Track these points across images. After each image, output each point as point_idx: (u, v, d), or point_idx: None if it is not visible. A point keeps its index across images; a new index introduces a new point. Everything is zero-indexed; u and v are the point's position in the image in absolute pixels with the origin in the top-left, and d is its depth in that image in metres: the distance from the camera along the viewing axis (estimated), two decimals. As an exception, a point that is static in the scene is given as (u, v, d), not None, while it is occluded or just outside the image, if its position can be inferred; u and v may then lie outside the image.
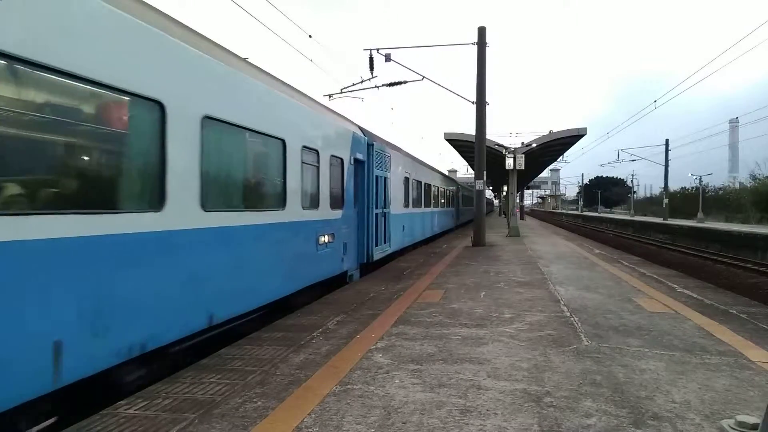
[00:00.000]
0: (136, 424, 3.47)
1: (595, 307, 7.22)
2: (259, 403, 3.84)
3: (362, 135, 11.39)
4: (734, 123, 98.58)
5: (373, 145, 11.76)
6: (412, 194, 16.88)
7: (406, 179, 16.02)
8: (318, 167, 8.42)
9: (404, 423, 3.44)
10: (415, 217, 17.78)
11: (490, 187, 67.16)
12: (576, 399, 3.84)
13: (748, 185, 49.21)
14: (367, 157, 11.57)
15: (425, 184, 19.76)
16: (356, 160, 10.75)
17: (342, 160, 9.72)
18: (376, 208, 12.03)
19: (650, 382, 4.21)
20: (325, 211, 8.75)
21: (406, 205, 16.04)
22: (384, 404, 3.77)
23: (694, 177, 49.71)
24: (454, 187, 31.17)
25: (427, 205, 20.50)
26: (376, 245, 11.97)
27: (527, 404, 3.75)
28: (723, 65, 60.81)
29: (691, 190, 57.76)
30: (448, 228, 27.93)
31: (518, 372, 4.47)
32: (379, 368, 4.60)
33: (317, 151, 8.36)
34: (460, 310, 7.04)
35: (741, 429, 3.01)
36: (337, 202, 9.42)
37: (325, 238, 8.67)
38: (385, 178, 13.03)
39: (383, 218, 12.76)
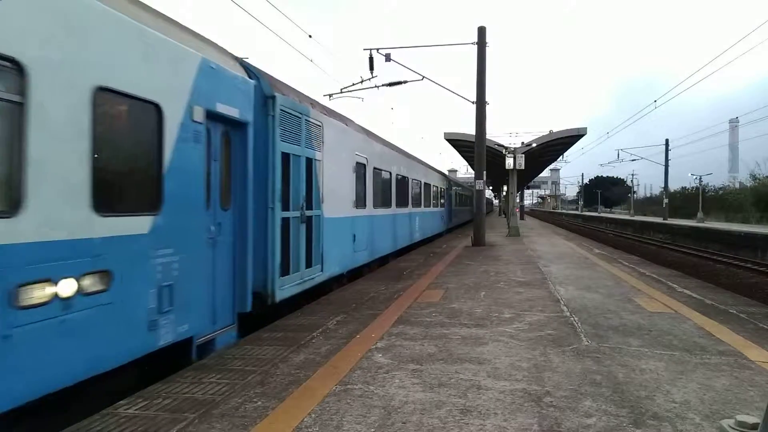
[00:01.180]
0: (136, 424, 3.47)
1: (595, 306, 7.22)
2: (259, 402, 3.84)
3: (243, 76, 6.31)
4: (734, 123, 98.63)
5: (274, 98, 6.78)
6: (372, 189, 12.13)
7: (361, 166, 11.20)
8: (23, 106, 3.47)
9: (404, 423, 3.44)
10: (379, 221, 12.93)
11: (490, 187, 67.17)
12: (576, 399, 3.84)
13: (748, 185, 49.27)
14: (262, 118, 6.66)
15: (398, 176, 15.12)
16: (219, 118, 5.71)
17: (158, 108, 4.66)
18: (287, 209, 7.19)
19: (650, 381, 4.21)
20: (65, 220, 3.77)
21: (361, 205, 11.17)
22: (384, 404, 3.77)
23: (694, 177, 49.72)
24: (445, 184, 26.67)
25: (403, 204, 15.81)
26: (286, 273, 7.09)
27: (527, 404, 3.75)
28: (723, 65, 60.85)
29: (691, 190, 57.75)
30: (437, 232, 23.81)
31: (518, 372, 4.47)
32: (379, 368, 4.60)
33: (19, 65, 3.43)
34: (460, 310, 7.04)
35: (741, 429, 3.00)
36: (131, 197, 4.56)
37: (58, 289, 3.66)
38: (311, 161, 8.10)
39: (306, 226, 7.87)
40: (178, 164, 4.94)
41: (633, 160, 55.32)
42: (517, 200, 28.52)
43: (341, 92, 18.07)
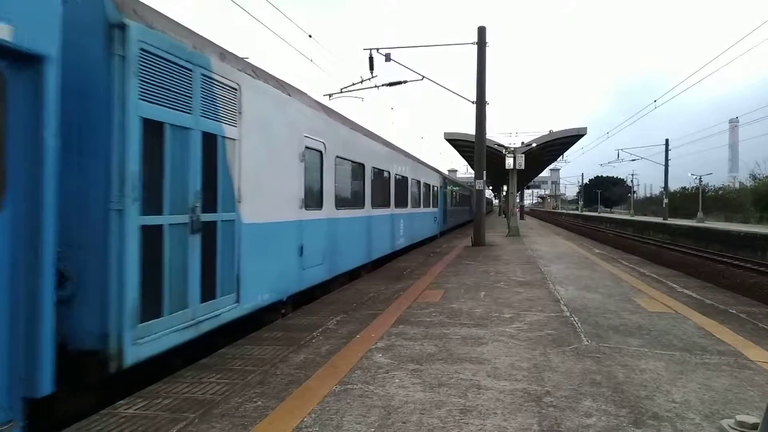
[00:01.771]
0: (136, 424, 3.47)
1: (595, 306, 7.22)
2: (259, 402, 3.84)
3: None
4: (734, 123, 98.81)
5: (124, 27, 4.11)
6: (334, 184, 9.34)
7: (315, 153, 8.46)
8: None
9: (404, 423, 3.44)
10: (345, 225, 10.02)
11: (490, 187, 67.16)
12: (576, 399, 3.84)
13: (748, 185, 49.33)
14: (97, 56, 4.04)
15: (375, 169, 12.36)
16: None
17: None
18: (159, 211, 4.55)
19: (650, 381, 4.21)
20: None
21: (314, 204, 8.42)
22: (384, 404, 3.77)
23: (694, 177, 49.76)
24: (439, 182, 23.61)
25: (381, 204, 13.07)
26: (156, 315, 4.44)
27: (527, 404, 3.75)
28: (723, 65, 60.85)
29: (691, 190, 57.81)
30: (428, 236, 20.71)
31: (518, 372, 4.47)
32: (379, 368, 4.60)
33: None
34: (460, 310, 7.03)
35: (741, 429, 3.00)
36: None
37: None
38: (215, 138, 5.43)
39: (203, 237, 5.16)
40: None
41: (633, 160, 55.44)
42: (517, 200, 28.51)
43: (341, 92, 18.09)
